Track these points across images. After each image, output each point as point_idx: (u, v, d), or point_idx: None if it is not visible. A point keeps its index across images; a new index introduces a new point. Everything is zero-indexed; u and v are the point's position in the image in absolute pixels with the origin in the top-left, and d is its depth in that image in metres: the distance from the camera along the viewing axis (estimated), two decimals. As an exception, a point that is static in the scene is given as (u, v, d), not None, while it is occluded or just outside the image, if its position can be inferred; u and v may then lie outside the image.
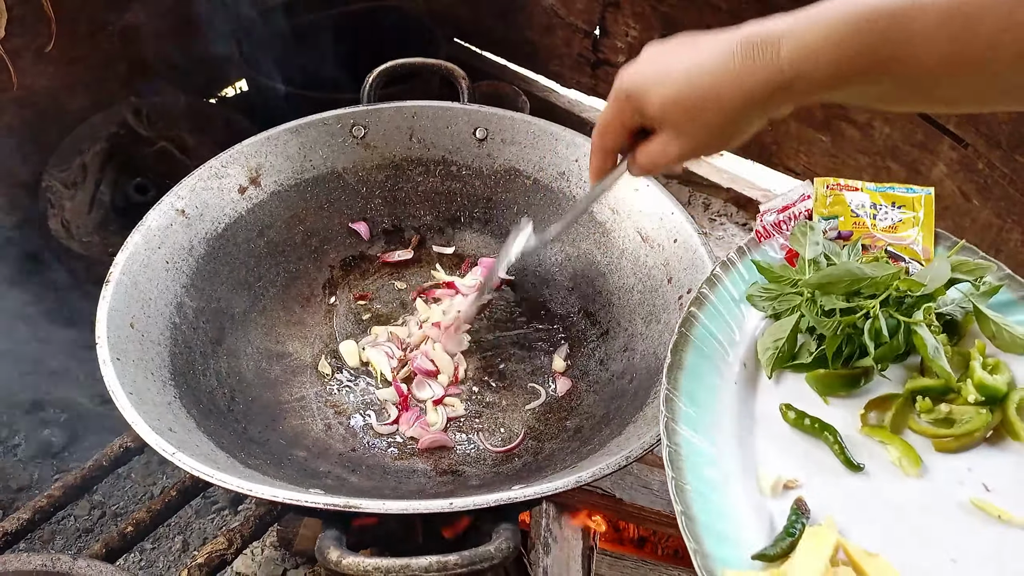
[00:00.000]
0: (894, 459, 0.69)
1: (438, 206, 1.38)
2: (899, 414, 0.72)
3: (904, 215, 0.84)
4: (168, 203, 1.15)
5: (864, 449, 0.71)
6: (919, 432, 0.71)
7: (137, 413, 0.88)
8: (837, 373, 0.75)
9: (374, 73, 1.33)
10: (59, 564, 0.93)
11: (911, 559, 0.62)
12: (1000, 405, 0.69)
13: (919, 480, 0.68)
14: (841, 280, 0.76)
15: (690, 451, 0.70)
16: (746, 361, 0.78)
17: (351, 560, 0.74)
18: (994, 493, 0.66)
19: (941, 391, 0.72)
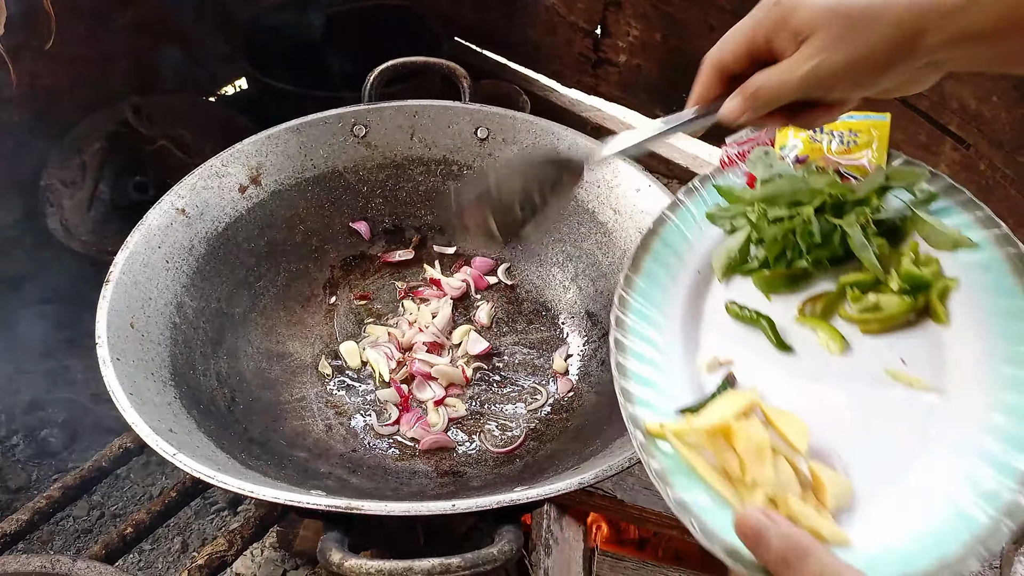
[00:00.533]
0: (822, 341, 0.76)
1: (439, 205, 1.38)
2: (830, 304, 0.78)
3: (860, 139, 0.88)
4: (168, 202, 1.15)
5: (797, 336, 0.77)
6: (848, 319, 0.77)
7: (137, 414, 0.88)
8: (778, 272, 0.81)
9: (375, 72, 1.32)
10: (58, 565, 0.92)
11: (824, 418, 0.69)
12: (924, 292, 0.74)
13: (843, 357, 0.74)
14: (783, 192, 0.83)
15: (635, 335, 0.78)
16: (700, 269, 0.85)
17: (353, 562, 0.74)
18: (909, 365, 0.72)
19: (871, 284, 0.77)
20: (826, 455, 0.67)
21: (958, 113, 1.50)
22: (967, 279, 0.74)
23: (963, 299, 0.73)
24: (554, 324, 1.28)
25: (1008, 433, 0.63)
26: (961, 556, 0.58)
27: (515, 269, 1.36)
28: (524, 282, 1.34)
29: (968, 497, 0.61)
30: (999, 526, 0.58)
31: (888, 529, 0.62)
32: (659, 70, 1.91)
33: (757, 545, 0.56)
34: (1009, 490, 0.60)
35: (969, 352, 0.70)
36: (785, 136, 0.91)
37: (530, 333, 1.28)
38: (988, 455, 0.63)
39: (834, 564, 0.54)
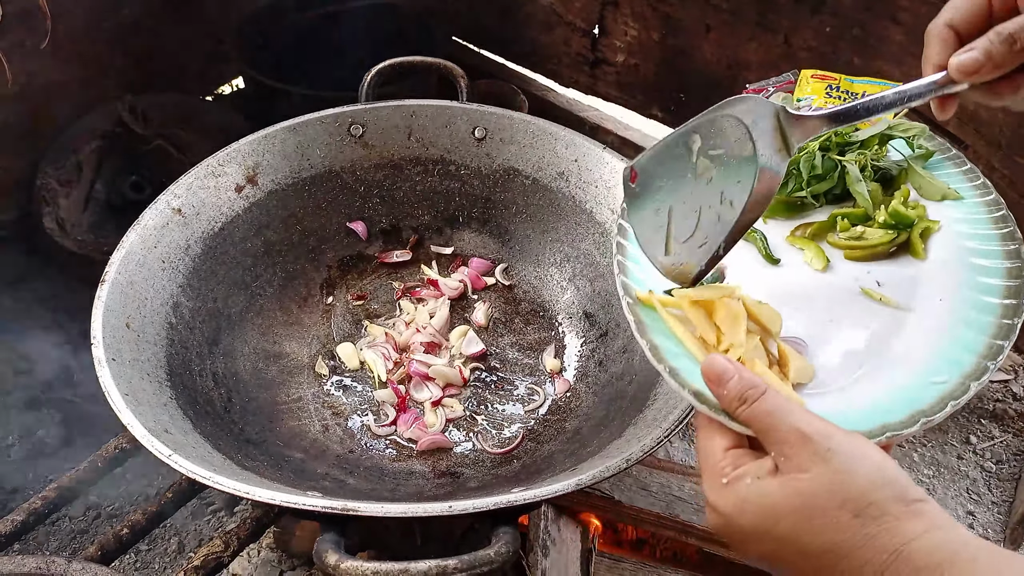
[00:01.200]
0: (807, 258, 0.84)
1: (436, 206, 1.38)
2: (820, 229, 0.86)
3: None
4: (164, 202, 1.14)
5: (785, 253, 0.86)
6: (834, 244, 0.85)
7: (133, 415, 0.87)
8: (778, 199, 0.89)
9: (372, 71, 1.32)
10: (54, 567, 0.92)
11: (798, 318, 0.77)
12: (907, 230, 0.81)
13: (824, 274, 0.82)
14: None
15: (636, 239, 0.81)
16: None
17: (349, 564, 0.74)
18: (883, 287, 0.79)
19: (860, 217, 0.85)
20: (795, 344, 0.75)
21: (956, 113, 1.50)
22: (948, 225, 0.81)
23: (942, 240, 0.81)
24: (552, 325, 1.28)
25: (964, 341, 0.70)
26: (903, 422, 0.64)
27: (512, 269, 1.35)
28: (521, 282, 1.34)
29: (919, 383, 0.69)
30: (944, 405, 0.65)
31: (840, 402, 0.69)
32: (656, 70, 1.91)
33: (719, 384, 0.62)
34: (956, 380, 0.67)
35: (940, 282, 0.77)
36: (803, 90, 0.98)
37: (528, 334, 1.28)
38: (942, 355, 0.70)
39: (785, 402, 0.59)
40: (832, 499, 0.55)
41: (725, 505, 0.59)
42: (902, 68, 1.55)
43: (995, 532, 1.59)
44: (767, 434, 0.59)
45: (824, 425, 0.58)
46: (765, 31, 1.65)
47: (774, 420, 0.59)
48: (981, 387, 0.67)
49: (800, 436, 0.57)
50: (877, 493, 0.55)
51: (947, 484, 1.68)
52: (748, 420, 0.60)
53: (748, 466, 0.60)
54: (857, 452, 0.57)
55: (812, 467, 0.56)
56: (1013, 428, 1.78)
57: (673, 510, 1.24)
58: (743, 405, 0.60)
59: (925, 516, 0.54)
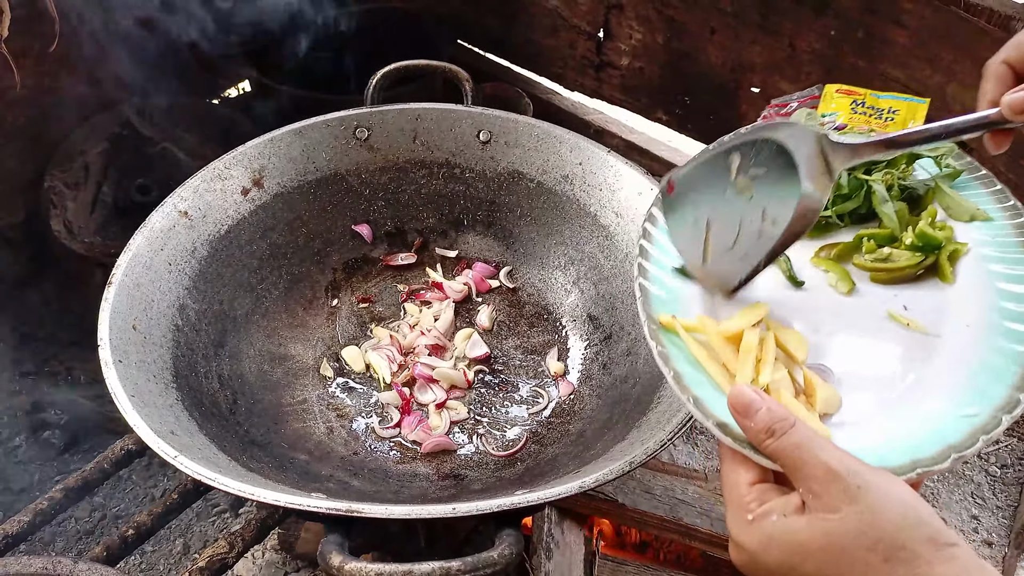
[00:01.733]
0: (831, 281, 0.82)
1: (441, 209, 1.38)
2: (845, 251, 0.84)
3: (897, 117, 0.94)
4: (171, 204, 1.15)
5: (810, 275, 0.84)
6: (860, 266, 0.83)
7: (139, 416, 0.88)
8: None
9: (378, 75, 1.32)
10: (60, 567, 0.93)
11: (823, 343, 0.76)
12: (935, 252, 0.79)
13: (849, 297, 0.81)
14: None
15: (659, 258, 0.82)
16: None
17: (353, 566, 0.74)
18: (909, 311, 0.78)
19: (887, 239, 0.83)
20: (821, 371, 0.73)
21: (960, 117, 1.50)
22: (977, 247, 0.79)
23: (970, 263, 0.79)
24: (556, 327, 1.29)
25: (995, 370, 0.68)
26: (935, 458, 0.63)
27: (517, 272, 1.36)
28: (526, 285, 1.34)
29: (949, 415, 0.67)
30: (976, 440, 0.63)
31: (869, 435, 0.67)
32: (661, 73, 1.91)
33: (746, 416, 0.60)
34: (988, 413, 0.65)
35: (969, 307, 0.75)
36: (827, 105, 0.97)
37: (532, 336, 1.28)
38: (972, 386, 0.68)
39: (815, 435, 0.58)
40: (861, 540, 0.53)
41: (751, 542, 0.58)
42: (906, 71, 1.55)
43: (1000, 537, 1.59)
44: (795, 470, 0.58)
45: (854, 462, 0.56)
46: (769, 34, 1.66)
47: (802, 455, 0.57)
48: (1013, 420, 0.65)
49: (829, 473, 0.55)
50: (907, 535, 0.53)
51: (951, 488, 1.68)
52: (775, 454, 0.59)
53: (774, 502, 0.58)
54: (888, 491, 0.55)
55: (841, 506, 0.55)
56: (1018, 432, 1.77)
57: (677, 513, 1.24)
58: (770, 438, 0.59)
59: (957, 561, 0.52)
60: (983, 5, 1.40)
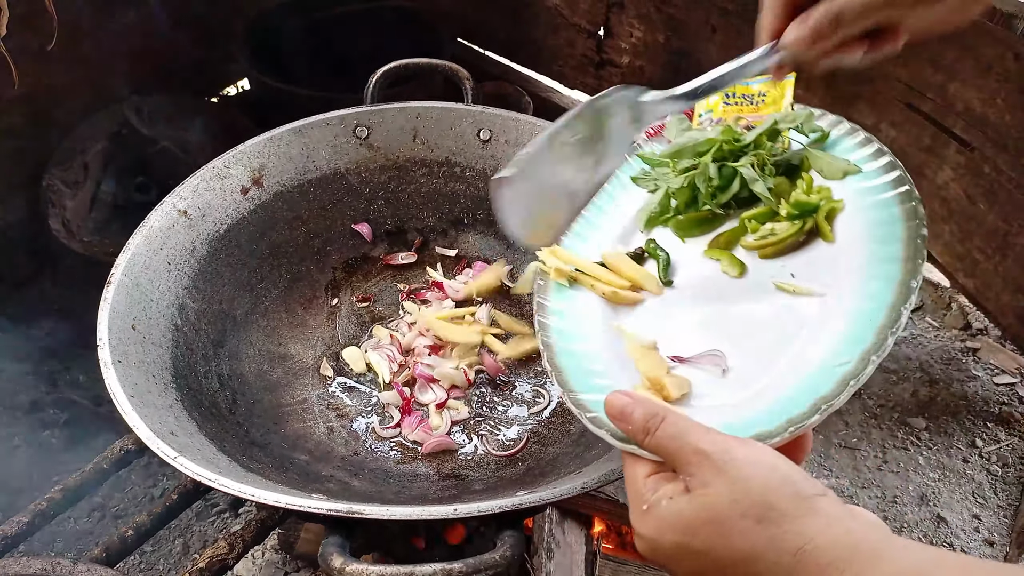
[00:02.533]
0: (724, 268, 0.85)
1: (441, 208, 1.38)
2: (732, 236, 0.87)
3: (767, 98, 0.97)
4: (170, 203, 1.14)
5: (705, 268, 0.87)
6: (748, 247, 0.85)
7: (139, 416, 0.87)
8: (688, 217, 0.91)
9: (378, 73, 1.32)
10: (59, 568, 0.92)
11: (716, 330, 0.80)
12: (812, 216, 0.81)
13: (741, 280, 0.84)
14: (686, 147, 0.93)
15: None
16: (625, 226, 0.95)
17: (355, 567, 0.74)
18: (797, 278, 0.80)
19: (768, 215, 0.85)
20: (711, 357, 0.77)
21: (963, 116, 1.49)
22: (853, 201, 0.81)
23: (848, 218, 0.81)
24: (556, 327, 1.28)
25: (866, 315, 0.70)
26: (806, 413, 0.65)
27: (517, 272, 1.35)
28: (526, 284, 1.34)
29: (823, 370, 0.69)
30: (844, 387, 0.65)
31: (754, 406, 0.70)
32: (661, 71, 1.91)
33: (623, 420, 0.66)
34: (857, 359, 0.67)
35: (849, 260, 0.77)
36: (703, 105, 1.00)
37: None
38: (846, 336, 0.70)
39: (685, 423, 0.62)
40: (735, 508, 0.57)
41: (647, 530, 0.61)
42: (910, 69, 1.55)
43: (1001, 536, 1.59)
44: (673, 458, 0.62)
45: (722, 438, 0.60)
46: (771, 33, 1.65)
47: (677, 443, 0.61)
48: (884, 357, 0.67)
49: (699, 453, 0.59)
50: (774, 495, 0.56)
51: (953, 488, 1.67)
52: (655, 449, 0.63)
53: (664, 489, 0.62)
54: (754, 459, 0.58)
55: (713, 480, 0.58)
56: (1019, 431, 1.77)
57: (678, 513, 1.24)
58: (647, 436, 0.63)
59: (823, 511, 0.55)
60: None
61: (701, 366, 0.77)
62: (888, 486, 1.67)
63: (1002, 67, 1.41)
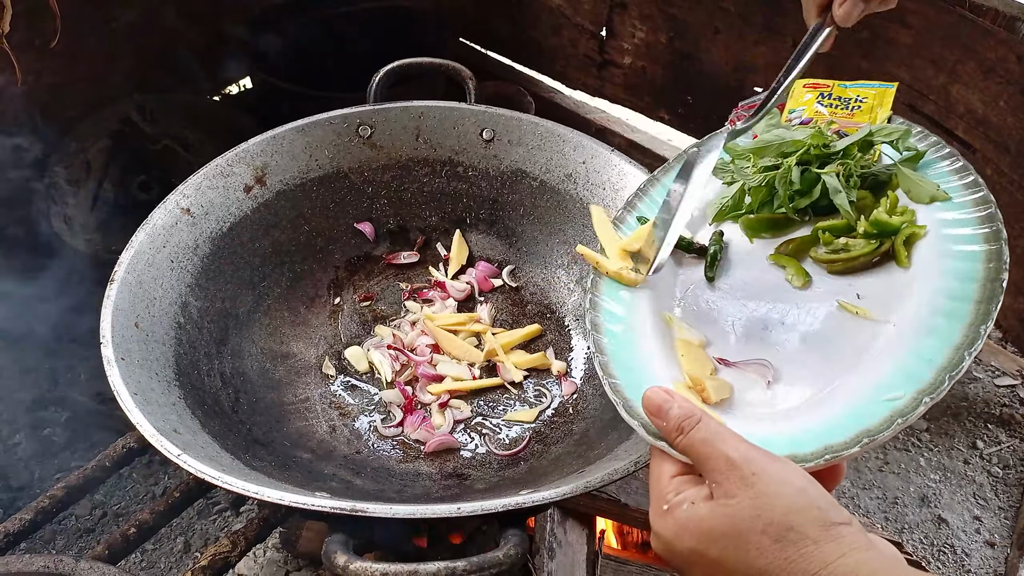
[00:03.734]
0: (788, 276, 0.82)
1: (444, 207, 1.38)
2: (802, 245, 0.84)
3: (864, 105, 0.94)
4: (173, 201, 1.14)
5: (770, 272, 0.84)
6: (817, 259, 0.82)
7: (142, 414, 0.87)
8: (760, 217, 0.88)
9: (381, 72, 1.32)
10: (61, 566, 0.92)
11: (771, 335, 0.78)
12: (890, 238, 0.79)
13: (804, 291, 0.81)
14: (771, 144, 0.90)
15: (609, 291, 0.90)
16: (694, 213, 0.94)
17: (358, 565, 0.74)
18: (864, 300, 0.77)
19: (844, 229, 0.82)
20: (758, 366, 0.76)
21: (964, 118, 1.50)
22: (936, 229, 0.78)
23: (930, 245, 0.78)
24: (559, 326, 1.28)
25: (926, 352, 0.68)
26: (847, 443, 0.64)
27: (520, 271, 1.35)
28: (529, 284, 1.34)
29: (872, 400, 0.67)
30: (891, 423, 0.63)
31: (794, 424, 0.69)
32: (664, 72, 1.91)
33: (659, 416, 0.66)
34: (910, 396, 0.65)
35: (920, 290, 0.74)
36: (796, 101, 0.97)
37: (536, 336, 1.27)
38: (902, 369, 0.68)
39: (718, 428, 0.62)
40: (755, 523, 0.56)
41: (665, 530, 0.62)
42: (912, 71, 1.55)
43: (1002, 537, 1.59)
44: (702, 462, 0.61)
45: (752, 451, 0.60)
46: (773, 35, 1.65)
47: (707, 448, 0.61)
48: (937, 400, 0.64)
49: (728, 462, 0.59)
50: (797, 517, 0.56)
51: (954, 489, 1.67)
52: (685, 450, 0.63)
53: (687, 492, 0.62)
54: (782, 477, 0.58)
55: (738, 492, 0.58)
56: (1020, 433, 1.77)
57: (679, 513, 1.24)
58: (680, 435, 0.63)
59: (843, 540, 0.55)
60: (988, 6, 1.40)
61: (747, 373, 0.75)
62: (889, 487, 1.68)
63: (1004, 69, 1.41)
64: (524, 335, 1.24)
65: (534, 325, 1.26)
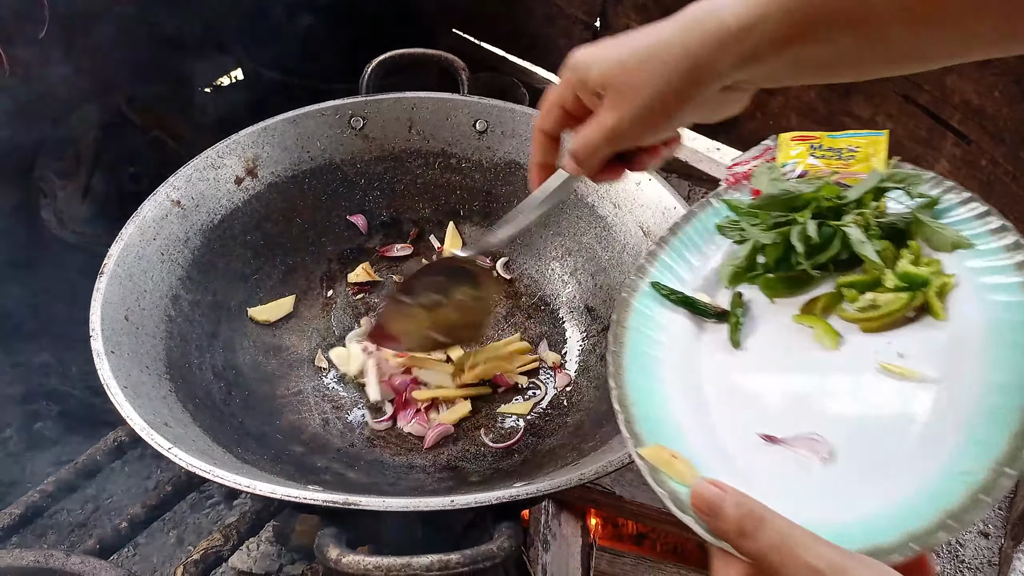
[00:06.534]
0: (817, 337, 0.75)
1: (437, 199, 1.37)
2: (827, 303, 0.78)
3: (858, 154, 0.91)
4: (163, 193, 1.13)
5: (796, 335, 0.78)
6: (846, 319, 0.76)
7: (132, 408, 0.87)
8: (779, 276, 0.82)
9: (373, 63, 1.31)
10: (52, 560, 0.92)
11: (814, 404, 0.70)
12: (922, 290, 0.74)
13: (838, 353, 0.74)
14: (779, 199, 0.84)
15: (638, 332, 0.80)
16: (707, 276, 0.87)
17: (351, 559, 0.73)
18: (905, 359, 0.71)
19: (868, 284, 0.77)
20: (810, 440, 0.67)
21: (960, 108, 1.49)
22: (968, 278, 0.73)
23: (962, 297, 0.72)
24: (554, 319, 1.28)
25: (996, 415, 0.62)
26: (930, 529, 0.56)
27: (513, 264, 1.35)
28: (523, 276, 1.33)
29: (944, 474, 0.60)
30: (975, 503, 0.57)
31: (858, 507, 0.61)
32: (658, 63, 1.90)
33: (713, 516, 0.57)
34: (987, 469, 0.58)
35: (967, 344, 0.69)
36: (785, 154, 0.94)
37: (529, 328, 1.27)
38: (971, 435, 0.62)
39: (790, 529, 0.54)
40: None
41: None
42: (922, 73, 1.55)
43: (996, 528, 1.59)
44: (777, 572, 0.54)
45: (836, 555, 0.53)
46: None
47: (782, 556, 0.53)
48: (1021, 469, 0.57)
49: (813, 572, 0.52)
50: None
51: (947, 480, 1.68)
52: (755, 557, 0.55)
53: None
54: None
55: None
56: (1013, 424, 1.77)
57: (674, 505, 1.24)
58: (744, 539, 0.55)
59: None
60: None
61: (797, 451, 0.68)
62: (882, 478, 1.68)
63: (999, 60, 1.41)
64: (509, 349, 1.20)
65: (517, 337, 1.23)
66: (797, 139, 0.96)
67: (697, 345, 0.81)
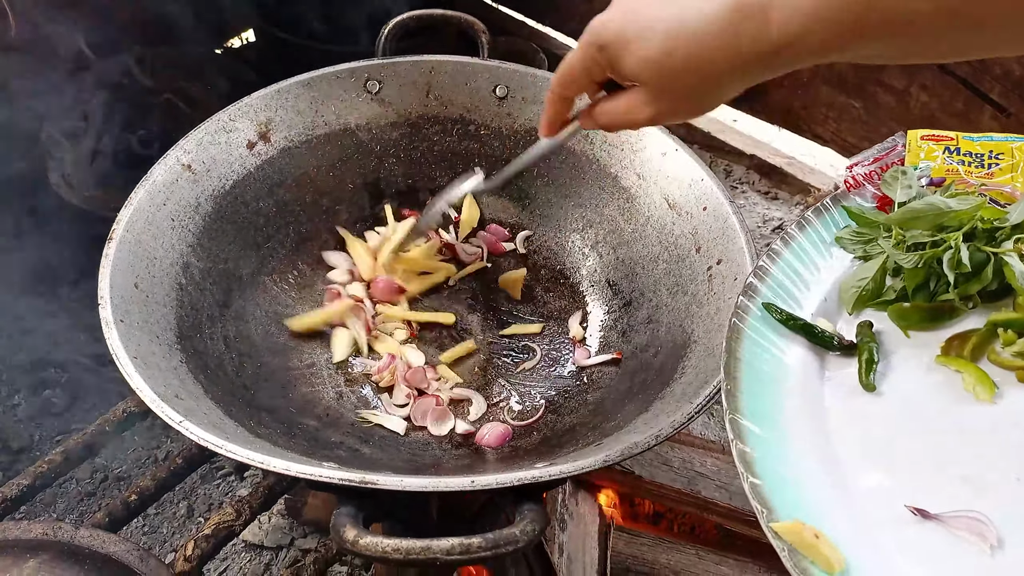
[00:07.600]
0: (968, 386, 0.66)
1: (455, 167, 1.32)
2: (979, 345, 0.68)
3: (1002, 162, 0.81)
4: (174, 157, 1.09)
5: (938, 378, 0.68)
6: (1000, 364, 0.67)
7: (142, 379, 0.84)
8: (917, 306, 0.73)
9: (390, 24, 1.26)
10: (60, 533, 0.90)
11: (969, 473, 0.61)
12: None
13: (994, 406, 0.65)
14: (924, 214, 0.74)
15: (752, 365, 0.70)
16: (827, 296, 0.78)
17: (369, 540, 0.70)
18: None
19: None
20: (972, 521, 0.58)
21: (1000, 80, 1.43)
22: None
23: None
24: (574, 293, 1.24)
25: None
26: None
27: (533, 235, 1.31)
28: (542, 248, 1.29)
29: None
30: None
31: None
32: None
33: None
34: None
35: None
36: (915, 157, 0.85)
37: (548, 302, 1.23)
38: None
39: None
40: None
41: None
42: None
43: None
44: None
45: None
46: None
47: None
48: None
49: None
50: None
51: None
52: None
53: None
54: None
55: None
56: None
57: (695, 486, 1.21)
58: None
59: None
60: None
61: (956, 531, 0.57)
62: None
63: (1043, 29, 1.35)
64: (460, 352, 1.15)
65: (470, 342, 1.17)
66: (928, 138, 0.87)
67: (820, 385, 0.70)
